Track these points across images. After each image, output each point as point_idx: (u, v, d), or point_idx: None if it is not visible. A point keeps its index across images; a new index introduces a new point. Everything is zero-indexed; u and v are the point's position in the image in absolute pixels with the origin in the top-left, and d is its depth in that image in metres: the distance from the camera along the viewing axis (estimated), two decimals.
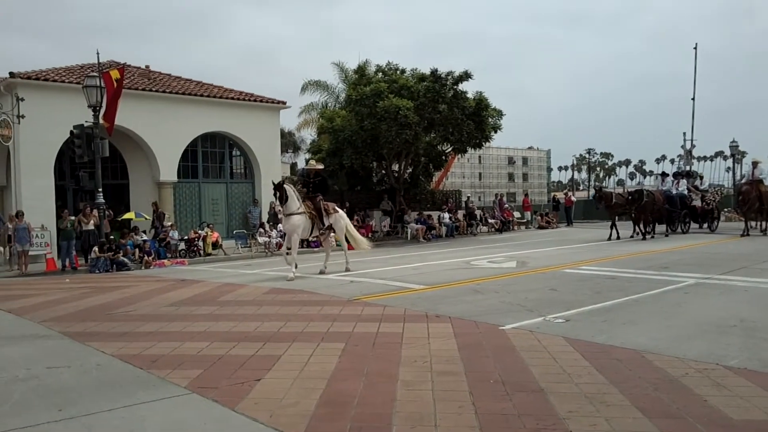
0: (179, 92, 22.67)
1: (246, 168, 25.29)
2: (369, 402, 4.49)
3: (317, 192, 13.32)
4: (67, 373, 5.53)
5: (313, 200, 13.10)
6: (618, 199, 20.21)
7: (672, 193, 21.48)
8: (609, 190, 23.98)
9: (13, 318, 8.71)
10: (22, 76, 19.00)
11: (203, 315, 8.42)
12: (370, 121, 23.16)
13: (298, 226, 12.58)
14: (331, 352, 5.96)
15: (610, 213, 20.42)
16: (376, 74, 25.91)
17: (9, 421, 4.24)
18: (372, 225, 25.43)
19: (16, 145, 18.74)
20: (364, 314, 7.97)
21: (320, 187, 13.50)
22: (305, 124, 33.57)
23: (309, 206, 12.92)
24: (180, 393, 4.83)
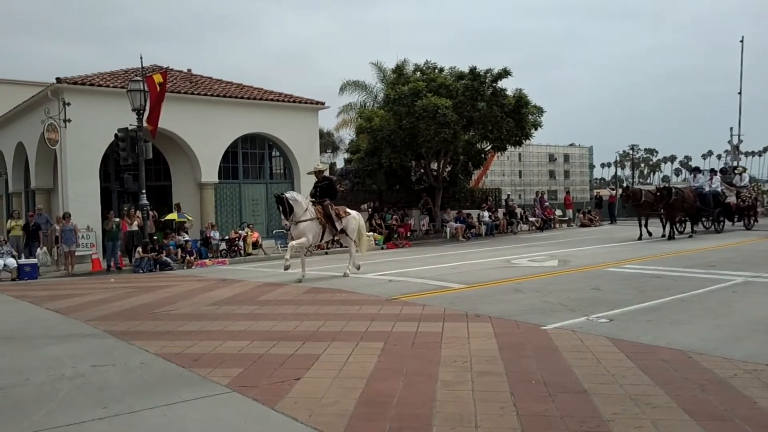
0: (220, 95, 23.01)
1: (285, 168, 25.52)
2: (408, 402, 4.44)
3: (324, 196, 12.76)
4: (111, 371, 5.64)
5: (323, 205, 12.57)
6: (647, 197, 19.27)
7: (705, 190, 20.44)
8: (637, 187, 22.64)
9: (60, 317, 8.94)
10: (69, 81, 19.55)
11: (243, 314, 8.50)
12: (408, 120, 23.10)
13: (306, 232, 12.08)
14: (370, 352, 5.93)
15: (639, 211, 19.55)
16: (414, 73, 25.83)
17: (55, 418, 4.33)
18: (411, 224, 25.37)
19: (62, 148, 19.29)
20: (403, 313, 7.93)
21: (328, 191, 12.94)
22: (344, 124, 33.72)
23: (319, 211, 12.43)
24: (221, 391, 4.87)
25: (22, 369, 5.77)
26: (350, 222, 12.83)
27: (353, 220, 12.93)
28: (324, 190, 12.84)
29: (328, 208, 12.48)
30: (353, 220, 12.93)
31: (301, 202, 12.14)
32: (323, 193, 12.79)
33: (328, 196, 12.77)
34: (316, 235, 12.35)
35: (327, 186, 13.00)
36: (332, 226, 12.52)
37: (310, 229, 12.11)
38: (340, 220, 12.60)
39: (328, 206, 12.52)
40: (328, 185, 13.04)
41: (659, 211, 19.09)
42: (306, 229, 12.04)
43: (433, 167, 27.12)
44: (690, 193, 19.60)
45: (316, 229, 12.24)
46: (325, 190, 12.87)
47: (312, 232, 12.16)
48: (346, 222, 12.75)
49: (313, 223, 12.16)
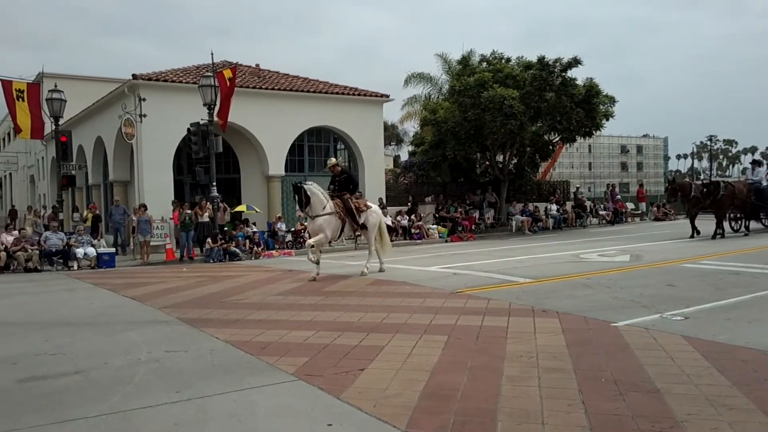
0: (287, 89, 23.42)
1: (350, 161, 25.73)
2: (473, 396, 4.40)
3: (343, 190, 12.33)
4: (184, 357, 5.85)
5: (342, 199, 12.11)
6: (697, 191, 17.82)
7: (763, 185, 18.59)
8: (686, 181, 20.99)
9: (137, 304, 9.34)
10: (144, 77, 20.35)
11: (309, 305, 8.63)
12: (473, 112, 22.83)
13: (324, 227, 11.61)
14: (434, 345, 5.91)
15: (688, 207, 18.17)
16: (480, 64, 25.52)
17: (132, 401, 4.53)
18: (475, 217, 25.12)
19: (138, 142, 20.11)
20: (467, 307, 7.86)
21: (345, 184, 12.47)
22: (408, 117, 33.63)
23: (339, 205, 11.96)
24: (287, 379, 4.96)
25: (101, 353, 6.06)
26: (370, 216, 12.38)
27: (373, 215, 12.47)
28: (342, 184, 12.43)
29: (348, 201, 12.07)
30: (373, 215, 12.47)
31: (320, 195, 11.70)
32: (342, 187, 12.39)
33: (347, 190, 12.37)
34: (335, 231, 11.90)
35: (345, 179, 12.58)
36: (353, 221, 12.09)
37: (328, 224, 11.66)
38: (359, 214, 12.14)
39: (348, 199, 12.12)
40: (346, 179, 12.65)
41: (707, 207, 17.68)
42: (324, 224, 11.60)
43: (499, 159, 26.74)
44: (742, 187, 18.16)
45: (334, 224, 11.80)
46: (343, 183, 12.46)
47: (330, 228, 11.71)
48: (366, 216, 12.28)
49: (331, 218, 11.72)
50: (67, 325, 7.70)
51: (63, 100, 18.87)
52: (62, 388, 4.93)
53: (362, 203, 12.51)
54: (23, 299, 9.35)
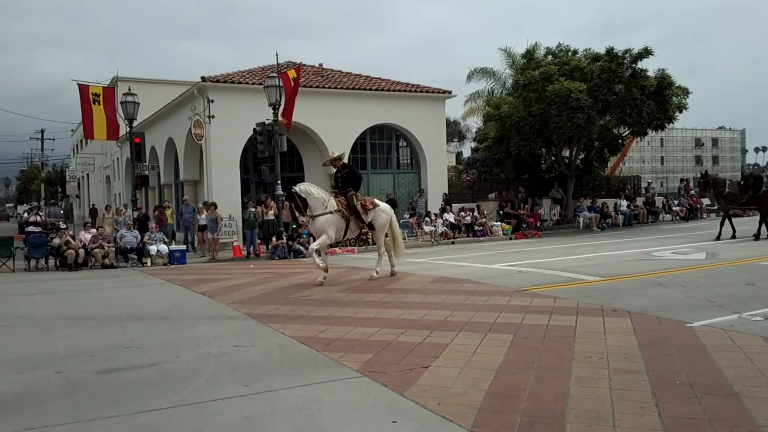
0: (349, 87, 23.63)
1: (412, 158, 25.72)
2: (540, 396, 4.31)
3: (347, 186, 11.50)
4: (252, 351, 5.97)
5: (346, 196, 11.35)
6: (731, 187, 16.41)
7: None
8: (720, 175, 18.96)
9: (207, 300, 9.62)
10: (212, 79, 20.96)
11: (372, 301, 8.67)
12: (538, 106, 22.42)
13: (326, 228, 10.93)
14: (499, 343, 5.81)
15: (722, 203, 16.68)
16: (545, 57, 25.00)
17: (203, 393, 4.66)
18: (540, 213, 24.65)
19: (207, 143, 20.75)
20: (533, 306, 7.70)
21: (349, 180, 11.63)
22: (471, 113, 33.31)
23: (342, 203, 11.22)
24: (352, 375, 4.99)
25: (174, 347, 6.27)
26: (379, 216, 11.54)
27: (382, 214, 11.61)
28: (345, 180, 11.59)
29: (352, 199, 11.29)
30: (382, 214, 11.61)
31: (316, 194, 11.00)
32: (345, 183, 11.57)
33: (351, 186, 11.57)
34: (339, 230, 11.17)
35: (348, 175, 11.69)
36: (358, 219, 11.36)
37: (330, 223, 10.94)
38: (366, 212, 11.39)
39: (352, 197, 11.33)
40: (348, 174, 11.72)
41: (745, 205, 16.24)
42: (325, 224, 10.90)
43: (565, 154, 26.14)
44: None
45: (338, 223, 11.06)
46: (346, 180, 11.60)
47: (333, 227, 10.99)
48: (373, 215, 11.49)
49: (333, 217, 10.98)
50: (141, 320, 8.01)
51: (136, 102, 19.65)
52: (137, 380, 5.12)
53: (369, 201, 11.67)
54: (100, 294, 9.81)
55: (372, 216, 11.45)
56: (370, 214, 11.44)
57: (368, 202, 11.54)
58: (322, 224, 10.88)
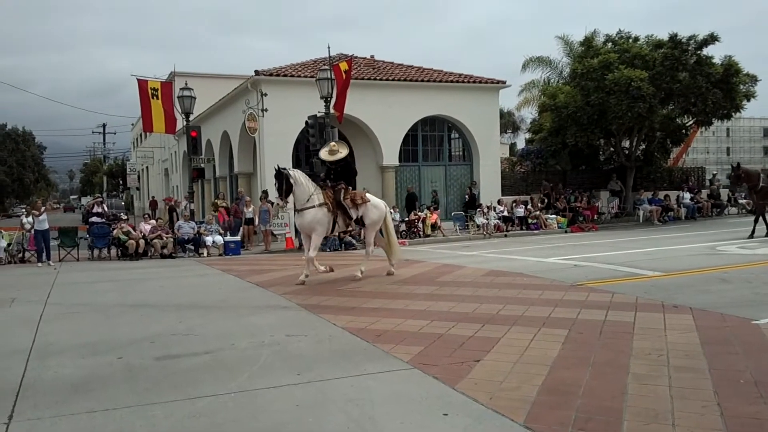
0: (401, 79, 23.55)
1: (464, 150, 25.47)
2: (596, 393, 4.20)
3: (340, 179, 10.86)
4: (304, 341, 6.04)
5: (335, 190, 10.69)
6: (766, 181, 15.14)
7: None
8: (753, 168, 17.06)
9: (260, 290, 9.79)
10: (265, 73, 21.26)
11: (423, 294, 8.64)
12: (597, 96, 21.83)
13: (315, 225, 10.31)
14: (553, 338, 5.70)
15: (756, 198, 15.48)
16: (604, 45, 24.30)
17: (257, 381, 4.74)
18: (598, 206, 24.04)
19: (260, 136, 21.08)
20: (590, 301, 7.52)
21: (343, 173, 10.98)
22: (525, 103, 32.68)
23: (329, 196, 10.54)
24: (402, 367, 4.98)
25: (229, 335, 6.40)
26: (370, 211, 10.84)
27: (374, 210, 10.91)
28: (338, 173, 10.97)
29: (339, 193, 10.59)
30: (374, 210, 10.91)
31: (305, 183, 10.39)
32: (337, 175, 10.95)
33: (344, 179, 10.91)
34: (326, 225, 10.55)
35: (343, 168, 11.05)
36: (345, 215, 10.68)
37: (317, 219, 10.32)
38: (356, 208, 10.69)
39: (340, 191, 10.63)
40: (344, 167, 11.06)
41: None
42: (312, 220, 10.29)
43: (625, 145, 25.40)
44: None
45: (323, 217, 10.40)
46: (340, 173, 10.97)
47: (321, 224, 10.37)
48: (363, 211, 10.80)
49: (319, 211, 10.33)
50: (198, 308, 8.22)
51: (193, 97, 20.10)
52: (194, 366, 5.25)
53: (358, 195, 10.90)
54: (159, 283, 10.11)
55: (362, 212, 10.78)
56: (359, 209, 10.74)
57: (358, 197, 10.82)
58: (310, 221, 10.30)
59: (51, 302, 9.12)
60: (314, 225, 10.31)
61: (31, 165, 76.98)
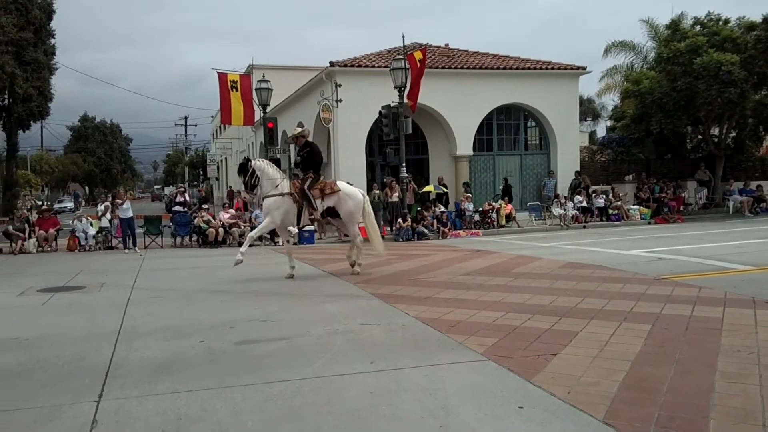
0: (476, 67, 23.23)
1: (541, 139, 24.89)
2: (681, 391, 4.01)
3: (308, 168, 10.22)
4: (377, 330, 6.07)
5: (302, 179, 10.17)
6: None
7: None
8: None
9: (334, 279, 9.92)
10: (339, 64, 21.48)
11: (497, 285, 8.50)
12: (684, 81, 20.82)
13: (272, 210, 9.89)
14: (635, 333, 5.47)
15: None
16: (692, 28, 23.11)
17: (332, 367, 4.80)
18: (684, 197, 22.94)
19: (334, 126, 21.34)
20: (675, 295, 7.18)
21: (308, 161, 10.30)
22: (607, 89, 31.53)
23: (296, 186, 10.06)
24: (476, 359, 4.92)
25: (304, 322, 6.52)
26: (344, 202, 10.20)
27: (348, 201, 10.23)
28: (305, 161, 10.33)
29: (306, 182, 10.03)
30: (348, 201, 10.23)
31: (271, 173, 10.06)
32: (305, 164, 10.33)
33: (311, 168, 10.26)
34: (288, 214, 10.04)
35: (308, 155, 10.35)
36: (310, 207, 10.02)
37: (278, 206, 9.88)
38: (324, 197, 10.08)
39: (307, 179, 10.05)
40: (308, 154, 10.36)
41: None
42: (272, 206, 9.88)
43: (714, 133, 24.10)
44: None
45: (287, 207, 9.94)
46: (306, 160, 10.33)
47: (281, 211, 9.90)
48: (336, 201, 10.16)
49: (283, 200, 9.89)
50: (274, 295, 8.41)
51: (270, 89, 20.59)
52: (271, 352, 5.38)
53: (329, 185, 10.26)
54: (237, 270, 10.38)
55: (333, 201, 10.15)
56: (329, 199, 10.13)
57: (327, 187, 10.19)
58: (269, 206, 9.92)
59: (137, 287, 9.59)
60: (271, 210, 9.90)
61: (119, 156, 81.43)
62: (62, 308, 7.92)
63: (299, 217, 10.11)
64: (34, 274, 11.80)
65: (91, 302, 8.36)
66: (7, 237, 17.02)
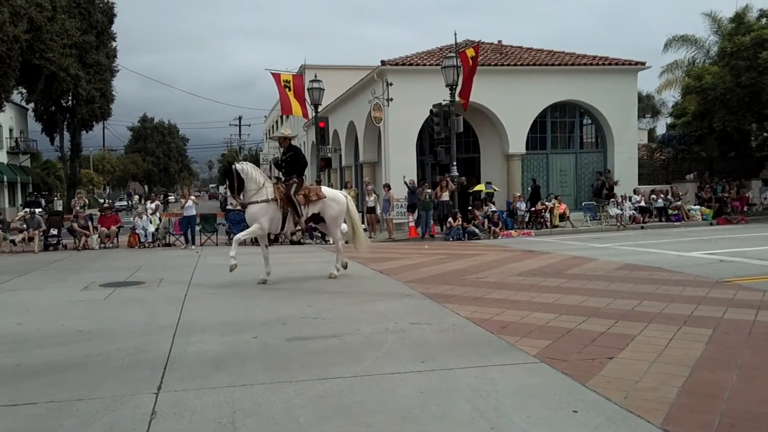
0: (530, 64, 22.86)
1: (597, 137, 24.32)
2: (744, 398, 3.87)
3: (292, 173, 10.04)
4: (427, 329, 6.06)
5: (287, 184, 9.90)
6: None
7: None
8: None
9: (384, 278, 9.95)
10: (391, 63, 21.51)
11: (550, 287, 8.36)
12: (749, 76, 20.03)
13: (259, 217, 9.63)
14: (695, 338, 5.30)
15: None
16: (758, 20, 22.20)
17: (382, 366, 4.82)
18: (749, 197, 22.03)
19: (385, 125, 21.38)
20: (737, 299, 6.91)
21: (293, 165, 10.11)
22: (667, 85, 30.49)
23: (281, 191, 9.82)
24: (529, 361, 4.85)
25: (354, 320, 6.56)
26: (329, 207, 10.11)
27: (333, 205, 10.16)
28: (289, 165, 10.12)
29: (291, 188, 9.81)
30: (333, 205, 10.16)
31: (255, 176, 9.80)
32: (288, 168, 10.12)
33: (295, 172, 10.09)
34: (274, 221, 9.79)
35: (292, 159, 10.13)
36: (295, 214, 9.88)
37: (264, 212, 9.63)
38: (308, 204, 9.91)
39: (292, 185, 9.85)
40: (293, 157, 10.15)
41: None
42: (258, 213, 9.63)
43: None
44: None
45: (272, 213, 9.70)
46: (290, 164, 10.11)
47: (267, 218, 9.67)
48: (321, 207, 10.06)
49: (268, 206, 9.66)
50: (325, 293, 8.50)
51: (322, 89, 20.79)
52: (323, 349, 5.44)
53: (314, 191, 10.15)
54: (289, 268, 10.57)
55: (319, 208, 10.09)
56: (314, 206, 10.04)
57: (313, 193, 10.06)
58: (255, 213, 9.68)
59: (194, 283, 9.86)
60: (258, 217, 9.67)
61: (176, 155, 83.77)
62: (123, 303, 8.21)
63: (284, 222, 9.96)
64: (96, 269, 12.27)
65: (150, 297, 8.64)
66: (72, 234, 17.76)
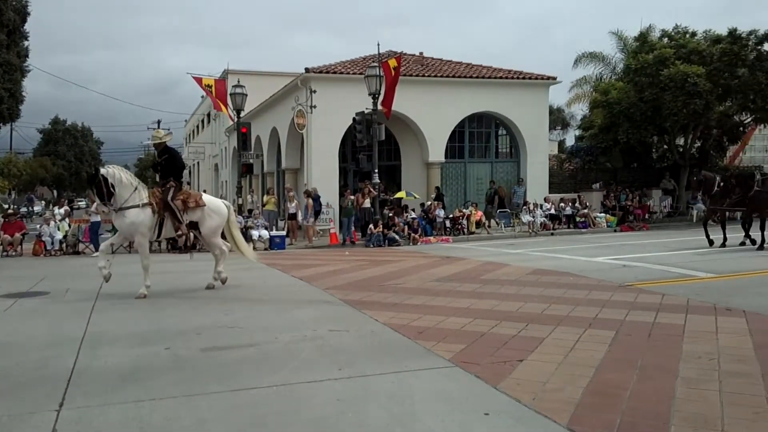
0: (449, 75, 23.41)
1: (512, 147, 25.16)
2: (643, 397, 4.08)
3: (168, 176, 9.37)
4: (346, 336, 6.06)
5: (164, 188, 9.23)
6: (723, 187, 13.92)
7: None
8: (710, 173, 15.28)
9: (304, 284, 9.87)
10: (315, 70, 21.45)
11: (466, 292, 8.56)
12: (651, 92, 21.32)
13: (137, 225, 8.92)
14: (600, 340, 5.57)
15: (710, 206, 14.49)
16: (660, 40, 23.74)
17: (300, 374, 4.78)
18: (650, 205, 23.41)
19: (308, 132, 21.30)
20: (639, 302, 7.32)
21: (169, 168, 9.49)
22: (576, 99, 32.09)
23: (156, 195, 9.16)
24: (444, 365, 4.94)
25: (273, 328, 6.47)
26: (208, 218, 9.44)
27: (213, 216, 9.51)
28: (165, 168, 9.50)
29: (168, 192, 9.14)
30: (213, 216, 9.51)
31: (126, 180, 8.99)
32: (165, 171, 9.48)
33: (171, 175, 9.42)
34: (148, 228, 9.08)
35: (167, 161, 9.55)
36: (174, 218, 9.17)
37: (139, 221, 8.93)
38: (187, 211, 9.25)
39: (169, 189, 9.16)
40: (168, 160, 9.57)
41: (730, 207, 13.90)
42: (133, 223, 8.91)
43: (679, 143, 24.69)
44: None
45: (145, 219, 8.97)
46: (165, 167, 9.50)
47: (142, 228, 8.98)
48: (199, 216, 9.37)
49: (142, 211, 8.94)
50: (243, 301, 8.35)
51: (244, 94, 20.50)
52: (239, 359, 5.33)
53: (192, 198, 9.43)
54: (206, 276, 10.25)
55: (197, 216, 9.37)
56: (192, 213, 9.33)
57: (191, 200, 9.36)
58: (131, 224, 8.93)
59: (103, 293, 9.40)
60: (134, 230, 8.99)
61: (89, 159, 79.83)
62: (25, 314, 7.74)
63: (160, 229, 9.27)
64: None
65: (54, 308, 8.18)
66: None
